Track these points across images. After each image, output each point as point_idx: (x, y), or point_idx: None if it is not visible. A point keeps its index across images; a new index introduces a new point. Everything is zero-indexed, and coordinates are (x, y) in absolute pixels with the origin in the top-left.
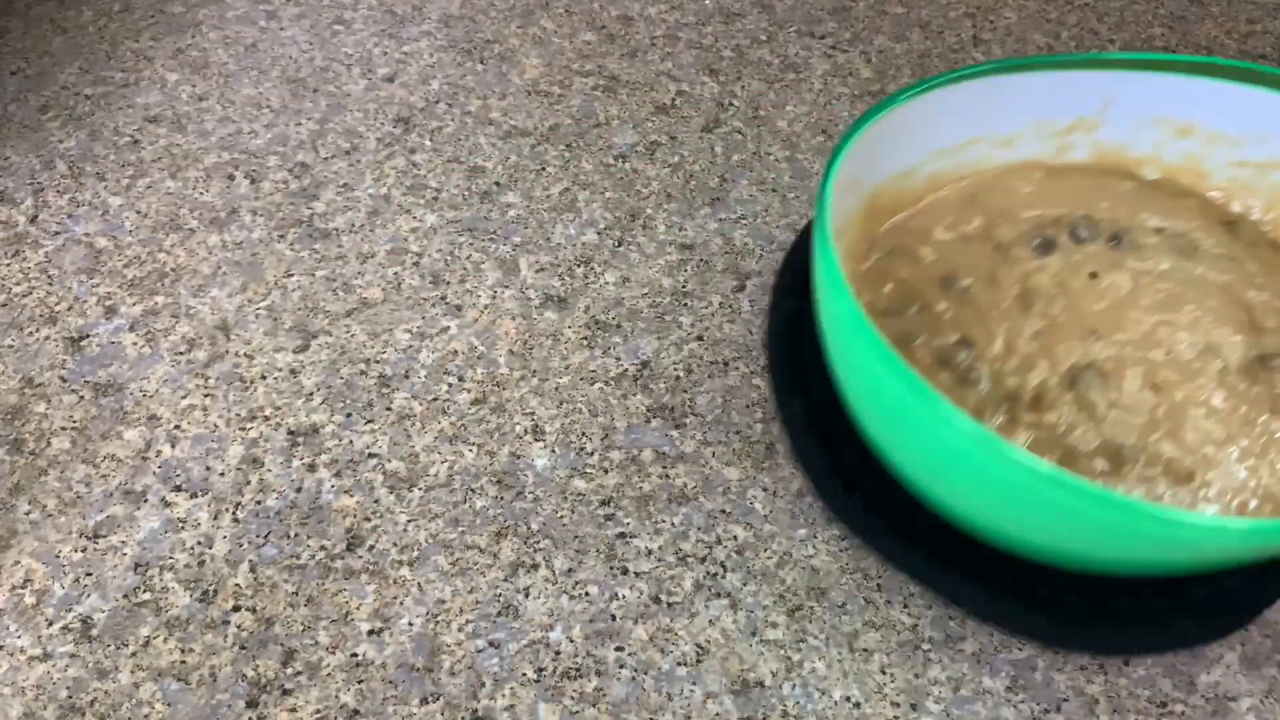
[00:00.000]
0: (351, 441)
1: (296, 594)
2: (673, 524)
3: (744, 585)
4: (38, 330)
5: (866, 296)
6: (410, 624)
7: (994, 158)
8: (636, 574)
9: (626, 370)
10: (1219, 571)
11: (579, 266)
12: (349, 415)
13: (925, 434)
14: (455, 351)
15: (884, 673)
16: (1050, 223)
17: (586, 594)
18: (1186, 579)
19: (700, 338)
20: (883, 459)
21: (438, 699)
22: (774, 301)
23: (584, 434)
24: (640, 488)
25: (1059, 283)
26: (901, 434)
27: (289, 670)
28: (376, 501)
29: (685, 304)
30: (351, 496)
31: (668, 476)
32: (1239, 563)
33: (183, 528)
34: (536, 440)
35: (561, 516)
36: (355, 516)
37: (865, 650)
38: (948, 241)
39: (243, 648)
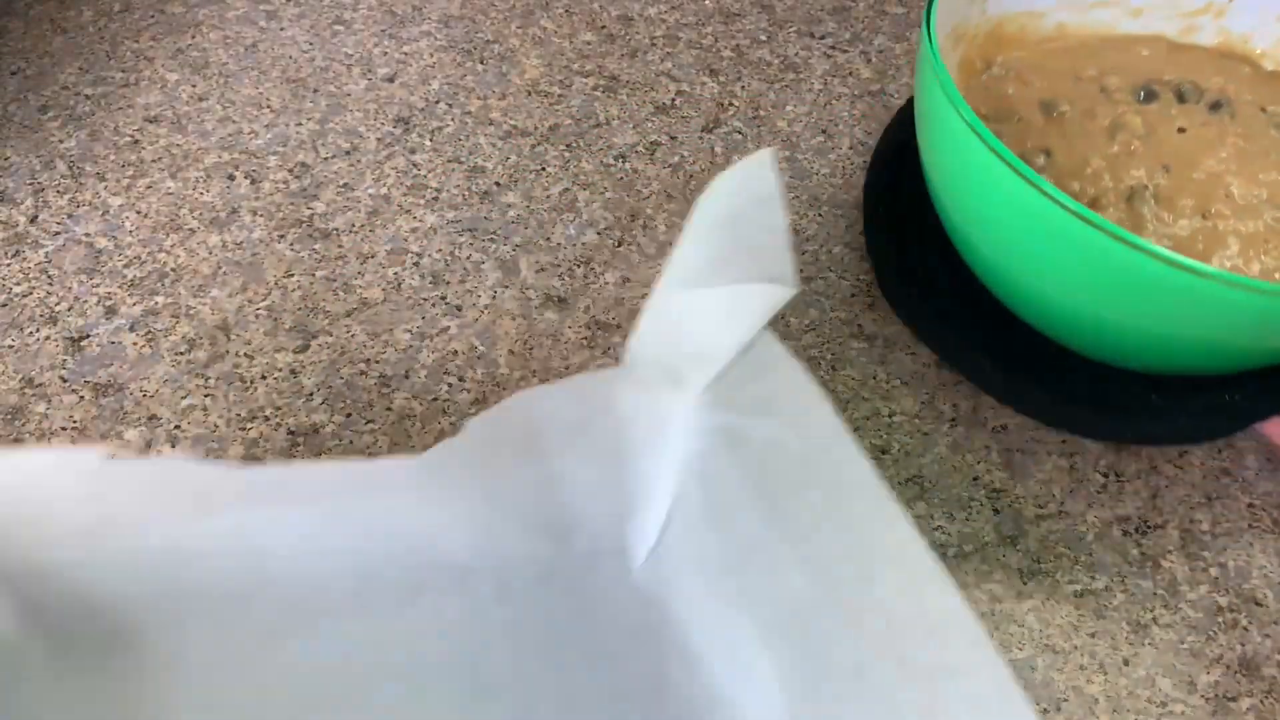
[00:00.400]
0: (352, 441)
1: None
2: None
3: None
4: (38, 330)
5: (970, 102)
6: None
7: (1122, 25)
8: None
9: None
10: (1231, 379)
11: (579, 266)
12: (349, 415)
13: (994, 191)
14: (455, 351)
15: None
16: (1160, 81)
17: None
18: (1192, 390)
19: None
20: (955, 236)
21: None
22: (882, 134)
23: None
24: None
25: (1149, 126)
26: (976, 203)
27: None
28: None
29: None
30: None
31: None
32: None
33: None
34: None
35: None
36: None
37: None
38: (1060, 77)
39: None
